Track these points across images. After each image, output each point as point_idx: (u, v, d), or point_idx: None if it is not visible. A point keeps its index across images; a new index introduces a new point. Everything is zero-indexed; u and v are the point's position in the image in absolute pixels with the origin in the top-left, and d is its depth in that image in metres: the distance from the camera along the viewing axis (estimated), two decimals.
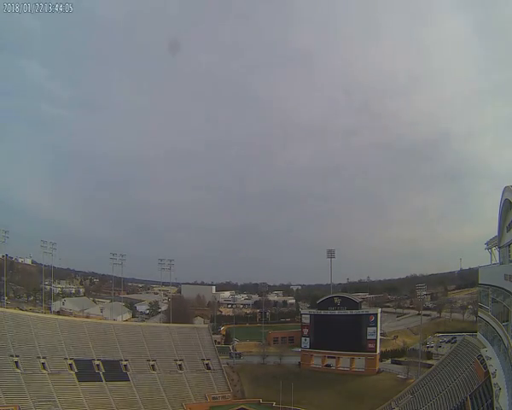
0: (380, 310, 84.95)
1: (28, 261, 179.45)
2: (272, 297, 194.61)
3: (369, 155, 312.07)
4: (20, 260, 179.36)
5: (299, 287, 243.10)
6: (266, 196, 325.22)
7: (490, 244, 49.54)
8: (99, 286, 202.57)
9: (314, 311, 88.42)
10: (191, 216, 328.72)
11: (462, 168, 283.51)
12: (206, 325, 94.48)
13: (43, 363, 60.26)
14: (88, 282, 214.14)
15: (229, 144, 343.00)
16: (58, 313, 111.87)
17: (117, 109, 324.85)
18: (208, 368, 75.32)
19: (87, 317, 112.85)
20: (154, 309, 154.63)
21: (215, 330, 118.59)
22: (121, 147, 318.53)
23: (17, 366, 57.15)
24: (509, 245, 39.13)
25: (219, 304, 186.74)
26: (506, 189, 36.89)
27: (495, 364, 34.28)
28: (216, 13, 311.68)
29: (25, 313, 73.02)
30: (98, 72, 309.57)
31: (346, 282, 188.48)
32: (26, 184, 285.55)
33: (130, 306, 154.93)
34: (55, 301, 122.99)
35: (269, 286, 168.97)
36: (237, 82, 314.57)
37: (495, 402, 28.59)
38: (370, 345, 76.86)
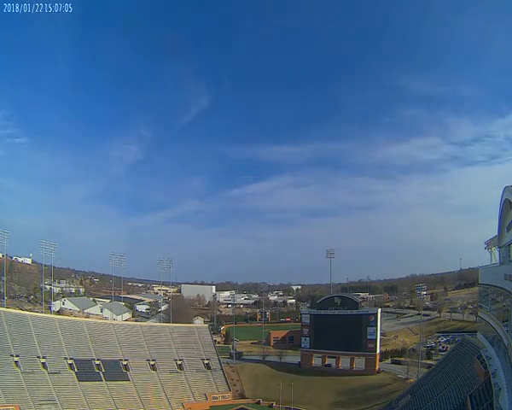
0: (380, 310, 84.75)
1: (28, 261, 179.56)
2: (272, 297, 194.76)
3: None
4: (20, 260, 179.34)
5: (299, 287, 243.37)
6: None
7: (490, 244, 49.49)
8: (99, 286, 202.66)
9: (314, 311, 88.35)
10: None
11: None
12: (206, 325, 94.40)
13: (43, 363, 60.28)
14: (88, 282, 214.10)
15: None
16: (58, 312, 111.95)
17: None
18: (208, 368, 75.30)
19: (87, 317, 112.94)
20: (154, 309, 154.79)
21: (215, 330, 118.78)
22: None
23: (17, 366, 57.18)
24: (509, 245, 39.06)
25: (219, 304, 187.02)
26: (506, 189, 36.84)
27: (495, 364, 34.27)
28: None
29: (25, 313, 72.85)
30: None
31: (346, 282, 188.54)
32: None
33: (130, 306, 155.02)
34: (55, 300, 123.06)
35: (269, 286, 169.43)
36: None
37: (495, 402, 28.58)
38: (370, 345, 76.78)
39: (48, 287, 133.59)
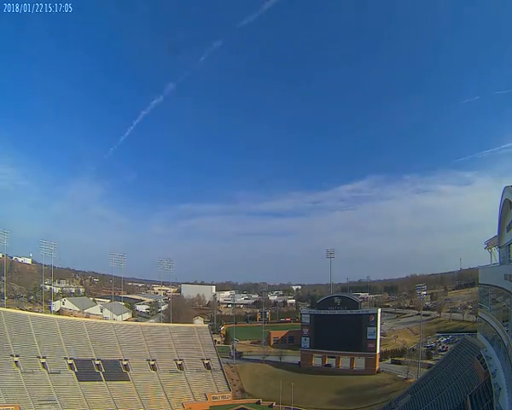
0: (380, 310, 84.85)
1: (28, 261, 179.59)
2: (272, 297, 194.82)
3: None
4: (20, 260, 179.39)
5: (299, 287, 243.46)
6: None
7: (490, 244, 49.51)
8: (99, 286, 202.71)
9: (314, 311, 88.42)
10: None
11: None
12: (206, 325, 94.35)
13: (43, 363, 60.29)
14: (88, 282, 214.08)
15: None
16: (58, 312, 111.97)
17: None
18: (208, 368, 75.30)
19: (87, 317, 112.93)
20: (153, 309, 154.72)
21: (215, 330, 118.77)
22: None
23: (17, 366, 57.20)
24: (509, 245, 39.06)
25: (219, 304, 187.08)
26: (506, 189, 36.81)
27: (495, 364, 34.28)
28: None
29: (25, 313, 72.87)
30: None
31: (346, 282, 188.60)
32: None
33: (130, 306, 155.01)
34: (55, 300, 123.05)
35: (269, 286, 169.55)
36: None
37: (495, 402, 28.59)
38: (370, 345, 76.85)
39: (48, 287, 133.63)
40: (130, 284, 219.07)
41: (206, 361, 76.05)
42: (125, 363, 68.71)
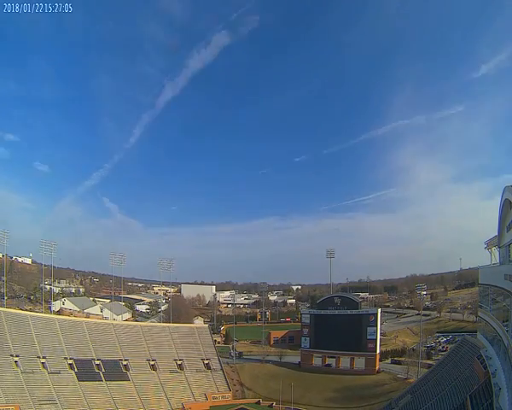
0: (380, 310, 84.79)
1: (28, 261, 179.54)
2: (272, 297, 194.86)
3: None
4: (20, 260, 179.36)
5: (299, 287, 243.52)
6: None
7: (490, 244, 49.49)
8: (99, 286, 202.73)
9: (314, 311, 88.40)
10: None
11: None
12: (206, 325, 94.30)
13: (43, 363, 60.31)
14: (88, 282, 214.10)
15: None
16: (58, 312, 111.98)
17: None
18: (208, 368, 75.30)
19: (87, 317, 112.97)
20: (154, 309, 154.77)
21: (215, 330, 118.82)
22: None
23: (17, 366, 57.20)
24: (509, 245, 39.05)
25: (219, 304, 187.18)
26: (506, 189, 36.78)
27: (495, 364, 34.28)
28: None
29: (25, 313, 72.88)
30: None
31: (346, 282, 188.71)
32: None
33: (130, 306, 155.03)
34: (55, 300, 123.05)
35: (269, 286, 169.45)
36: None
37: (495, 402, 28.58)
38: (370, 345, 76.86)
39: (48, 287, 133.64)
40: (130, 284, 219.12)
41: (206, 361, 76.07)
42: (125, 363, 68.72)
